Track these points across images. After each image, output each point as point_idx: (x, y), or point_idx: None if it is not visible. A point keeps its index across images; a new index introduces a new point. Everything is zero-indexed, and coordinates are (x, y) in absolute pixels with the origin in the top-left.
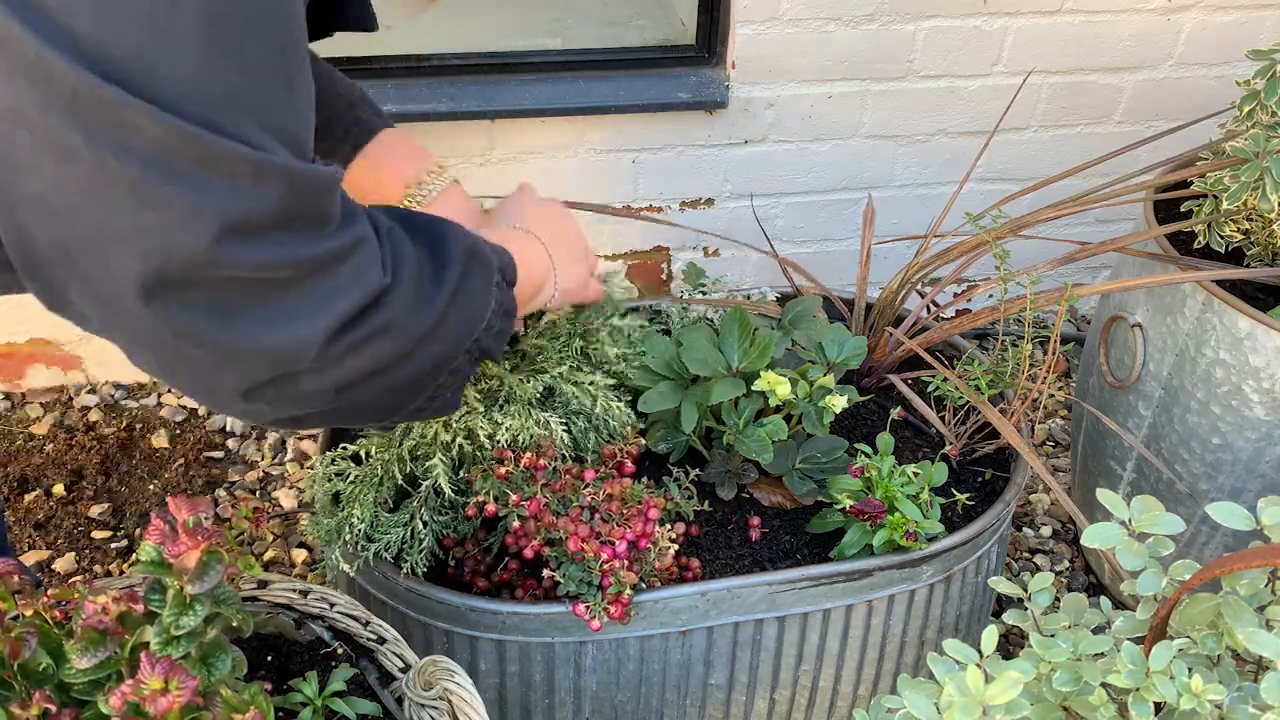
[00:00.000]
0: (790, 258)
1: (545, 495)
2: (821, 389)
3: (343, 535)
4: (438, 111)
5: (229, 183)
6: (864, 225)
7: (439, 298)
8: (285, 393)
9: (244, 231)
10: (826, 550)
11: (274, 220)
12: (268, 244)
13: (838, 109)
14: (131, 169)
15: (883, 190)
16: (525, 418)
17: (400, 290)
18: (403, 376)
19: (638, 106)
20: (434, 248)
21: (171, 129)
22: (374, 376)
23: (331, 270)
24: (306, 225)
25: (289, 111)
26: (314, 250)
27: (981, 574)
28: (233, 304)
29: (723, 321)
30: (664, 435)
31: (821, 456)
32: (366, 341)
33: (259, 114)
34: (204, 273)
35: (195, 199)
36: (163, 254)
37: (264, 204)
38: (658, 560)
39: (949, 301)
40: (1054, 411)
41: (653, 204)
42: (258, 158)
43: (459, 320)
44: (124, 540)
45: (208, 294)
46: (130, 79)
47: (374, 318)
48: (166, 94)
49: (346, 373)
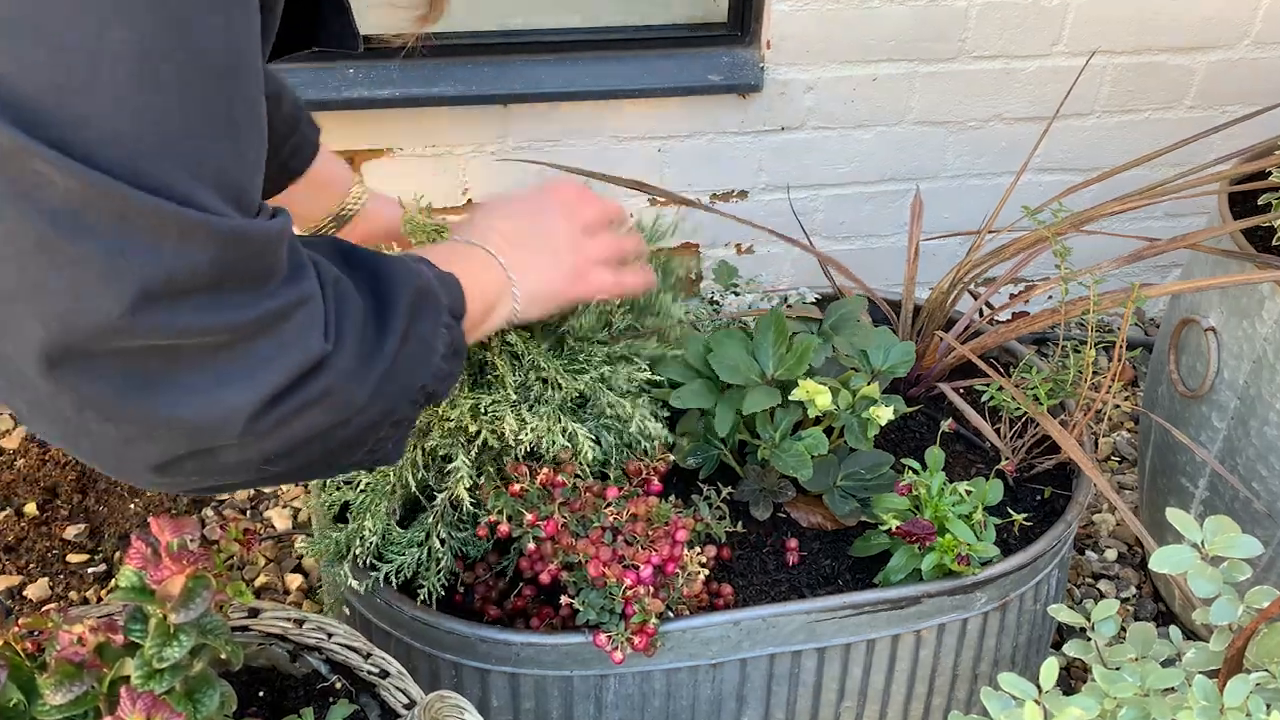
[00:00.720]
0: (831, 255)
1: (563, 515)
2: (865, 399)
3: (353, 550)
4: (445, 95)
5: (151, 243)
6: (911, 220)
7: (383, 352)
8: (206, 466)
9: (166, 296)
10: (870, 575)
11: (203, 283)
12: (193, 308)
13: (883, 92)
14: (36, 224)
15: (932, 181)
16: (553, 422)
17: (342, 353)
18: (340, 439)
19: (664, 90)
20: (378, 292)
21: (84, 181)
22: (307, 444)
23: (266, 335)
24: (242, 286)
25: (232, 160)
26: (247, 314)
27: (1040, 601)
28: (149, 373)
29: (757, 325)
30: (694, 449)
31: (865, 473)
32: (300, 412)
33: (194, 164)
34: (119, 341)
35: (109, 261)
36: (68, 320)
37: (190, 266)
38: (686, 586)
39: (1005, 303)
40: (1120, 424)
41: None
42: (185, 216)
43: (406, 370)
44: (102, 564)
45: (121, 363)
46: (39, 121)
47: (311, 385)
48: (82, 139)
49: (276, 443)
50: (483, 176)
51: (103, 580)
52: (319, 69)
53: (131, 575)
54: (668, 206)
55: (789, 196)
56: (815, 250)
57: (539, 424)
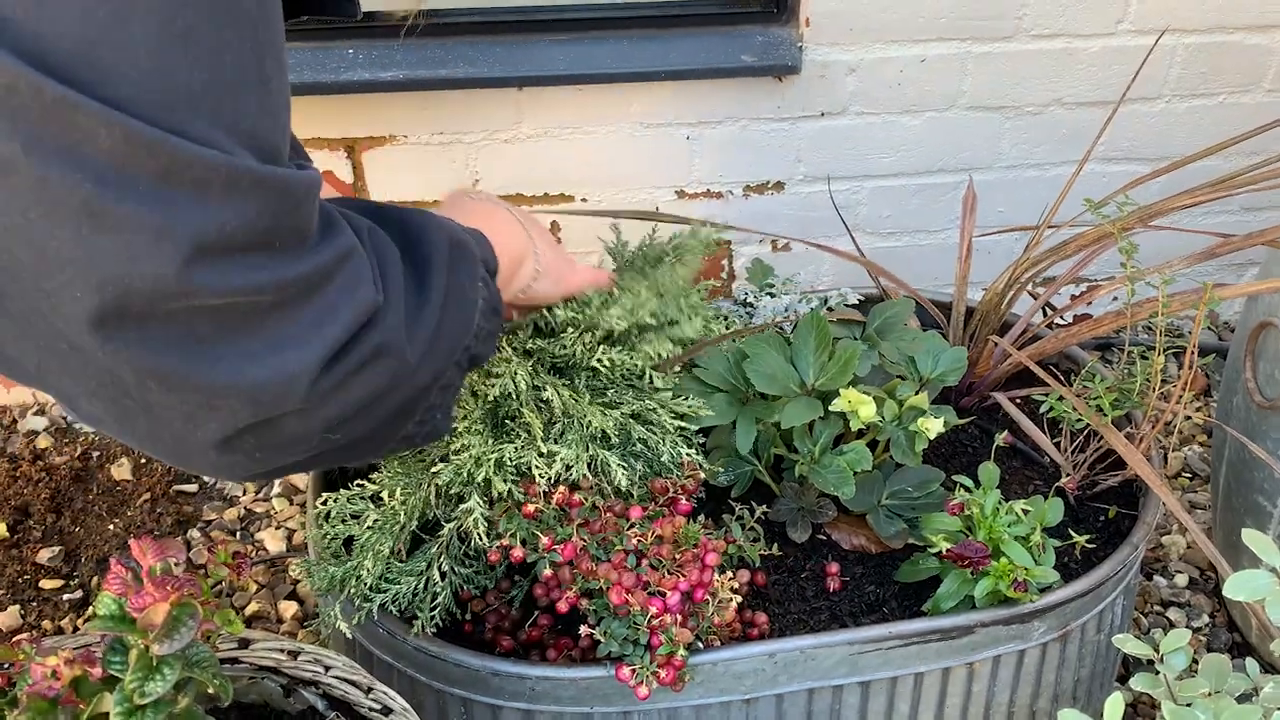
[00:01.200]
0: (876, 253)
1: (582, 537)
2: (913, 410)
3: (346, 588)
4: (455, 78)
5: (199, 196)
6: (964, 214)
7: (428, 307)
8: (267, 440)
9: (219, 252)
10: (918, 603)
11: (252, 237)
12: (246, 265)
13: (933, 75)
14: (83, 184)
15: (986, 172)
16: (581, 449)
17: (391, 306)
18: (395, 404)
19: (693, 72)
20: (412, 245)
21: (129, 134)
22: (366, 409)
23: (319, 290)
24: (287, 241)
25: (263, 114)
26: (298, 269)
27: (1104, 631)
28: (208, 337)
29: (796, 329)
30: (725, 465)
31: (913, 490)
32: (359, 371)
33: (229, 117)
34: (174, 303)
35: (160, 218)
36: (123, 283)
37: (240, 219)
38: (717, 615)
39: (1065, 305)
40: (1191, 437)
41: (711, 188)
42: (230, 165)
43: (450, 329)
44: (78, 590)
45: (179, 326)
46: (78, 76)
47: (366, 341)
48: (120, 93)
49: (337, 409)
50: (495, 166)
51: (79, 608)
52: (315, 49)
53: (110, 602)
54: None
55: (830, 188)
56: (859, 248)
57: (566, 453)
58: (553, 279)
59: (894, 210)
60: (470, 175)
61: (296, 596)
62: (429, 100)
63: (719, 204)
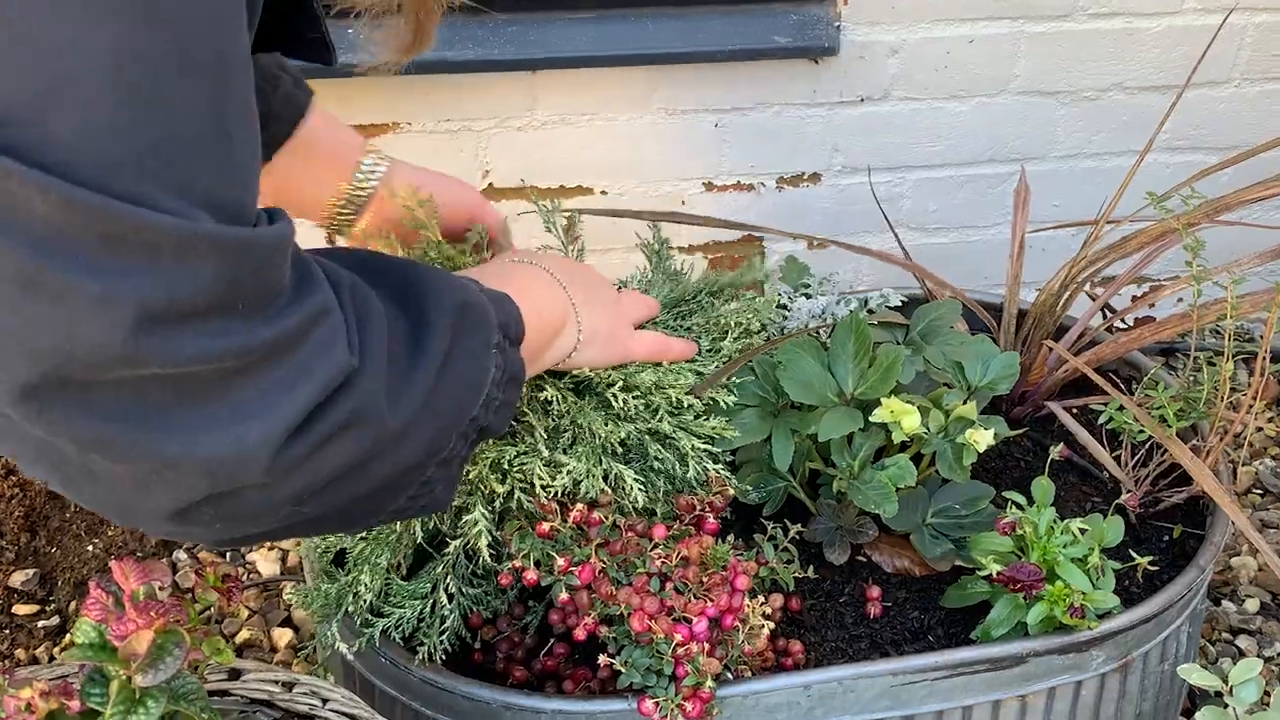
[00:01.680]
0: (920, 250)
1: (601, 559)
2: (960, 420)
3: (344, 607)
4: (463, 60)
5: (147, 263)
6: (1015, 208)
7: (422, 372)
8: (229, 511)
9: (171, 319)
10: (967, 630)
11: (207, 302)
12: (204, 331)
13: (982, 57)
14: (17, 252)
15: (1040, 163)
16: (593, 463)
17: (371, 369)
18: (378, 476)
19: (722, 54)
20: (410, 303)
21: (69, 200)
22: (340, 481)
23: (286, 355)
24: (252, 303)
25: (223, 170)
26: (263, 333)
27: (1168, 661)
28: (159, 404)
29: (833, 334)
30: (756, 481)
31: (960, 508)
32: (330, 440)
33: (183, 177)
34: (120, 371)
35: (103, 286)
36: (62, 353)
37: (195, 284)
38: (748, 643)
39: (1126, 307)
40: (1262, 450)
41: (741, 180)
42: (182, 228)
43: (450, 398)
44: (54, 617)
45: (125, 394)
46: (13, 139)
47: (339, 408)
48: (59, 155)
49: (305, 481)
50: (506, 156)
51: (55, 635)
52: None
53: (90, 629)
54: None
55: (870, 180)
56: (901, 245)
57: (576, 465)
58: (600, 347)
59: (940, 204)
60: (480, 165)
61: (291, 623)
62: (435, 84)
63: (750, 197)
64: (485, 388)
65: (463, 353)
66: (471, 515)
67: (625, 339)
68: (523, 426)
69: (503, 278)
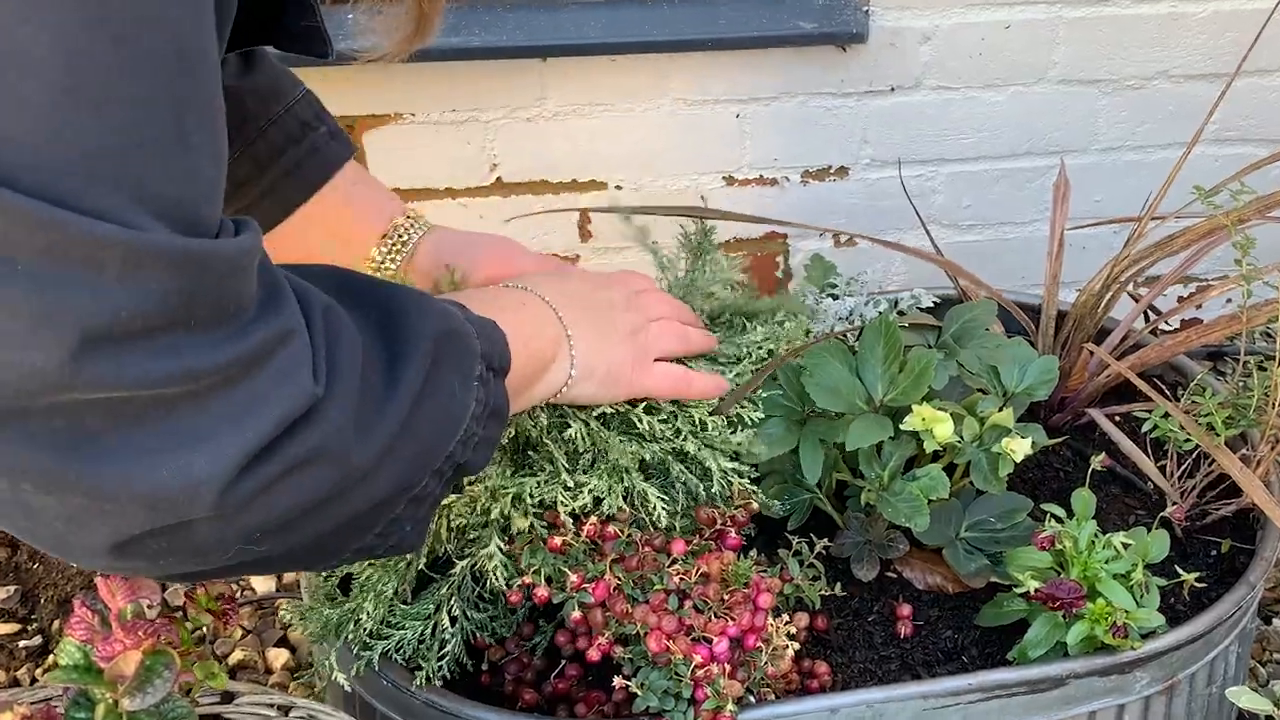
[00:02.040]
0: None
1: (616, 575)
2: (996, 429)
3: (343, 634)
4: (469, 47)
5: (90, 277)
6: (1055, 203)
7: (395, 405)
8: (174, 546)
9: (116, 339)
10: (1003, 650)
11: (161, 320)
12: (152, 352)
13: (1019, 43)
14: None
15: (1080, 155)
16: (615, 480)
17: (336, 401)
18: (342, 515)
19: (744, 40)
20: (388, 330)
21: (5, 209)
22: (301, 519)
23: (243, 380)
24: (208, 321)
25: (181, 177)
26: (214, 357)
27: (1216, 683)
28: (97, 432)
29: (862, 337)
30: (780, 493)
31: (996, 521)
32: (286, 477)
33: (134, 184)
34: (56, 397)
35: (40, 303)
36: None
37: (143, 301)
38: (771, 664)
39: (1172, 308)
40: None
41: (764, 174)
42: (131, 240)
43: (425, 433)
44: (37, 637)
45: (60, 421)
46: None
47: (301, 441)
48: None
49: (259, 518)
50: (515, 148)
51: (37, 656)
52: None
53: (74, 650)
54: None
55: (900, 174)
56: (934, 242)
57: (597, 483)
58: (598, 384)
59: (974, 199)
60: (487, 158)
61: (287, 643)
62: (440, 72)
63: (773, 192)
64: (464, 422)
65: (442, 384)
66: (488, 549)
67: (633, 376)
68: (542, 456)
69: (490, 303)
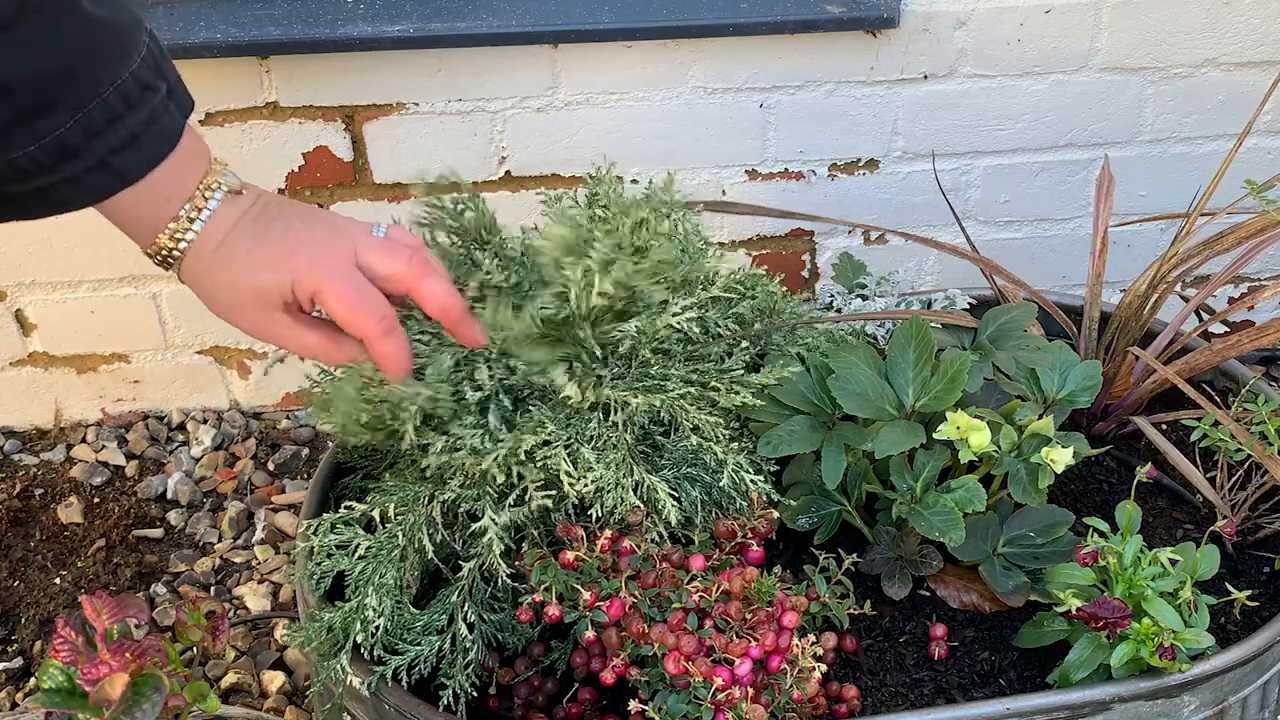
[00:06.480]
0: (990, 246)
1: (632, 592)
2: (1036, 438)
3: (351, 635)
4: (476, 33)
5: None
6: (1097, 199)
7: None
8: None
9: None
10: (1043, 673)
11: None
12: None
13: (1060, 29)
14: None
15: (1125, 148)
16: (623, 473)
17: None
18: None
19: (767, 25)
20: None
21: None
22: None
23: None
24: None
25: None
26: None
27: (1269, 708)
28: None
29: (892, 339)
30: (805, 504)
31: (1035, 536)
32: None
33: None
34: None
35: None
36: None
37: None
38: (797, 688)
39: (1222, 310)
40: None
41: (789, 167)
42: None
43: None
44: (17, 658)
45: None
46: None
47: None
48: None
49: None
50: (525, 140)
51: (18, 679)
52: None
53: (57, 672)
54: (772, 181)
55: (934, 167)
56: (969, 240)
57: (604, 473)
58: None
59: (1012, 194)
60: (495, 151)
61: (283, 665)
62: (444, 60)
63: (799, 186)
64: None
65: None
66: (483, 521)
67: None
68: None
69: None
